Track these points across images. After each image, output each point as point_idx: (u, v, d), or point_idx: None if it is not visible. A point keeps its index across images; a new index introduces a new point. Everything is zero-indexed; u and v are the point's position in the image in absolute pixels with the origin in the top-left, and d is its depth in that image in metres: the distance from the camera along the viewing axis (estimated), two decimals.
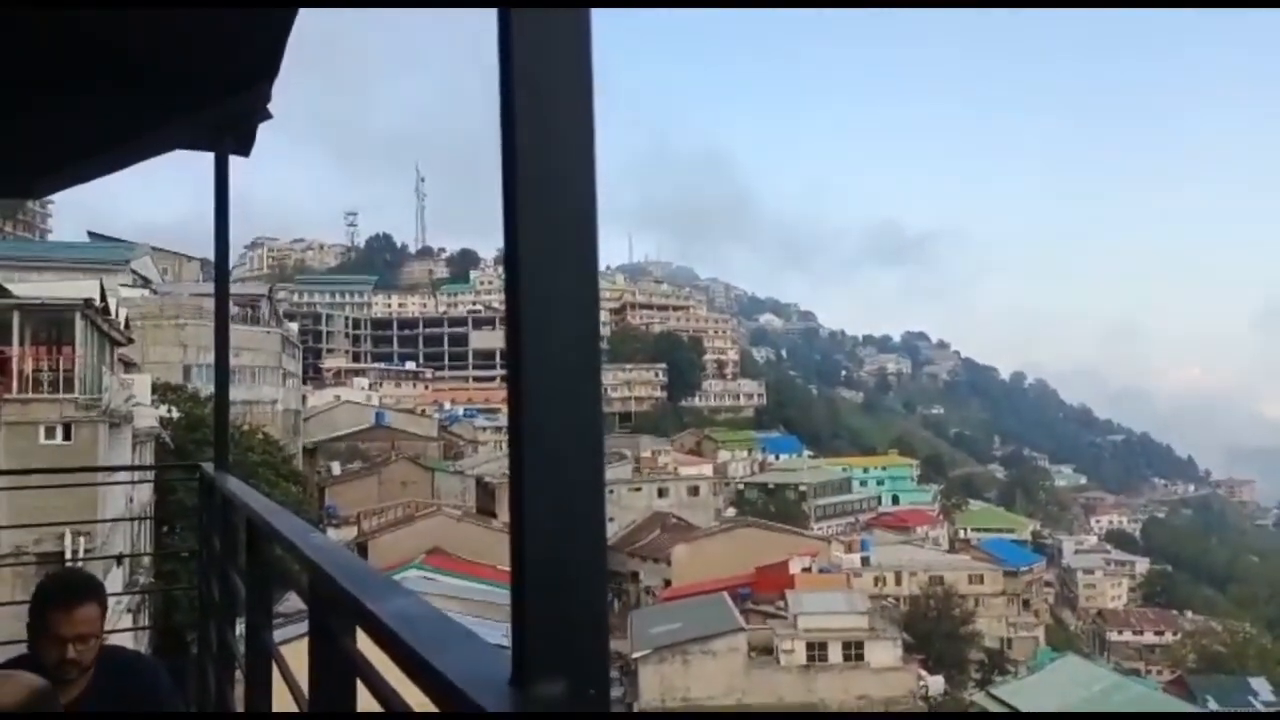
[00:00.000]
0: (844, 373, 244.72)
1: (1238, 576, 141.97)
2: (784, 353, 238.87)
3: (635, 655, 39.68)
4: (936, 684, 47.43)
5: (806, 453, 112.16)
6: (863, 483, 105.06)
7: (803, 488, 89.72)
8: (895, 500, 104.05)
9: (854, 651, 39.94)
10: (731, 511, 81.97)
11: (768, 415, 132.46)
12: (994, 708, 42.35)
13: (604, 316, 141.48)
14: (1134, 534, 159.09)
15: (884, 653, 40.00)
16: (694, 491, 78.52)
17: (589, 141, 0.90)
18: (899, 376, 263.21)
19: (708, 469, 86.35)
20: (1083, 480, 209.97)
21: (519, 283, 0.88)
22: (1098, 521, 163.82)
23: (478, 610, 33.43)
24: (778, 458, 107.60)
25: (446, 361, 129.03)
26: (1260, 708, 75.60)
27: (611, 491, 74.38)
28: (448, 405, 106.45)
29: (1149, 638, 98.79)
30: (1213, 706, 69.51)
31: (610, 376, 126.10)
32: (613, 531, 73.24)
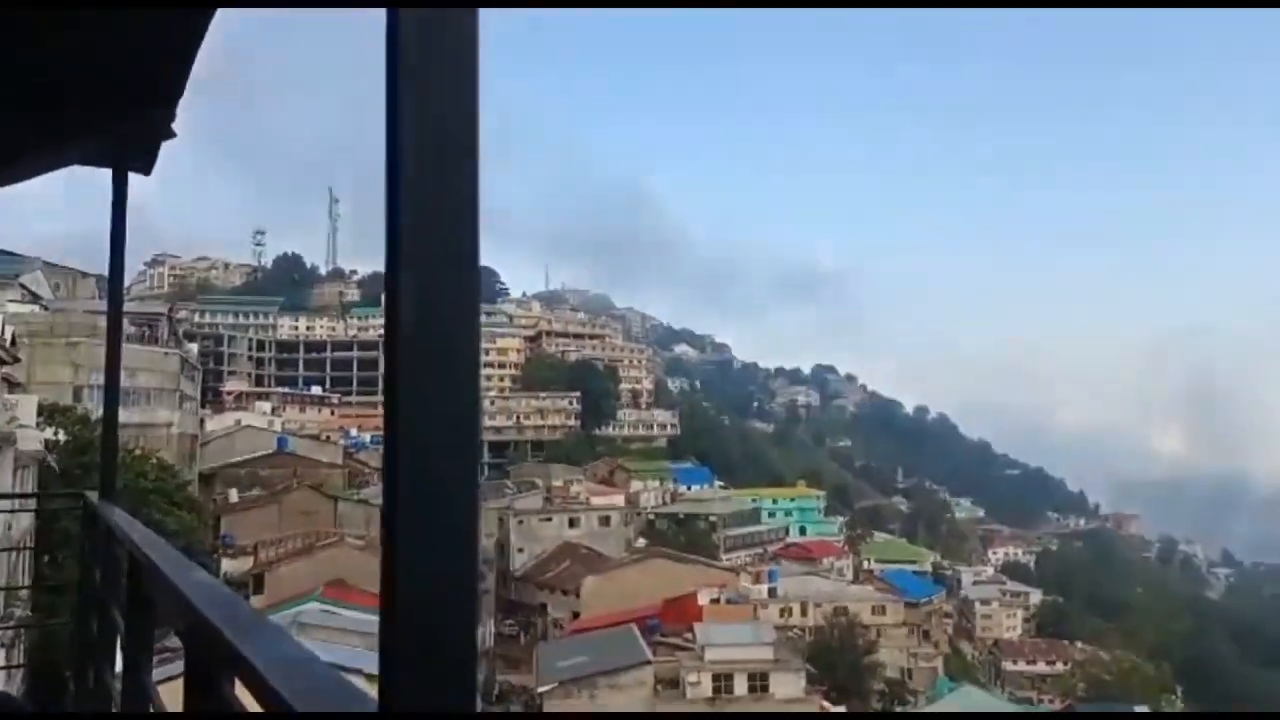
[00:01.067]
0: (756, 404, 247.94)
1: (1124, 607, 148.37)
2: (698, 383, 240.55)
3: (541, 689, 39.13)
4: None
5: (718, 483, 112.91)
6: (772, 514, 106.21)
7: (713, 518, 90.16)
8: (803, 531, 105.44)
9: (759, 683, 40.22)
10: (642, 542, 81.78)
11: (681, 445, 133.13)
12: None
13: (518, 344, 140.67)
14: (1029, 565, 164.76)
15: (788, 684, 40.38)
16: (605, 521, 78.18)
17: (473, 142, 0.90)
18: (809, 409, 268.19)
19: (619, 499, 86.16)
20: (981, 513, 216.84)
21: (398, 288, 0.87)
22: (994, 553, 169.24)
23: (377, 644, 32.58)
24: (690, 488, 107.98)
25: (355, 386, 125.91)
26: None
27: (521, 521, 73.53)
28: (354, 431, 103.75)
29: (1041, 667, 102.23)
30: None
31: (524, 405, 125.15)
32: (522, 562, 72.32)
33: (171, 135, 4.19)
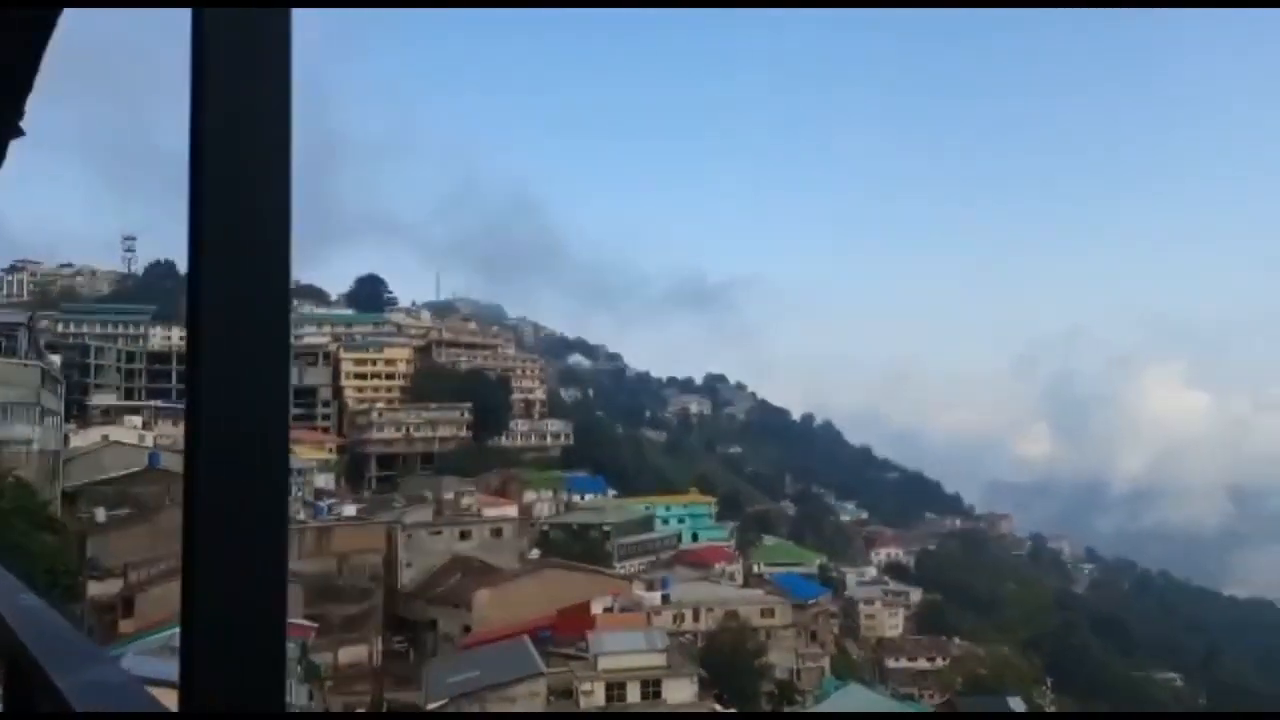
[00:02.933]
0: (649, 413, 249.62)
1: (998, 603, 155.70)
2: (592, 393, 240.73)
3: (430, 707, 38.38)
4: None
5: (612, 492, 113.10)
6: (665, 521, 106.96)
7: (607, 527, 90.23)
8: (695, 537, 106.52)
9: (652, 690, 40.48)
10: (536, 553, 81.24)
11: (575, 455, 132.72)
12: None
13: (407, 354, 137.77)
14: (909, 565, 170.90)
15: (681, 689, 40.77)
16: (497, 533, 77.25)
17: (285, 144, 0.87)
18: (701, 417, 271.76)
19: (512, 510, 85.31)
20: (864, 515, 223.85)
21: (200, 298, 0.85)
22: (877, 554, 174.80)
23: None
24: (584, 497, 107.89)
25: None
26: None
27: (410, 536, 71.94)
28: None
29: (922, 664, 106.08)
30: None
31: (413, 416, 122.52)
32: (410, 577, 70.72)
33: (20, 133, 4.02)
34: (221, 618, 0.86)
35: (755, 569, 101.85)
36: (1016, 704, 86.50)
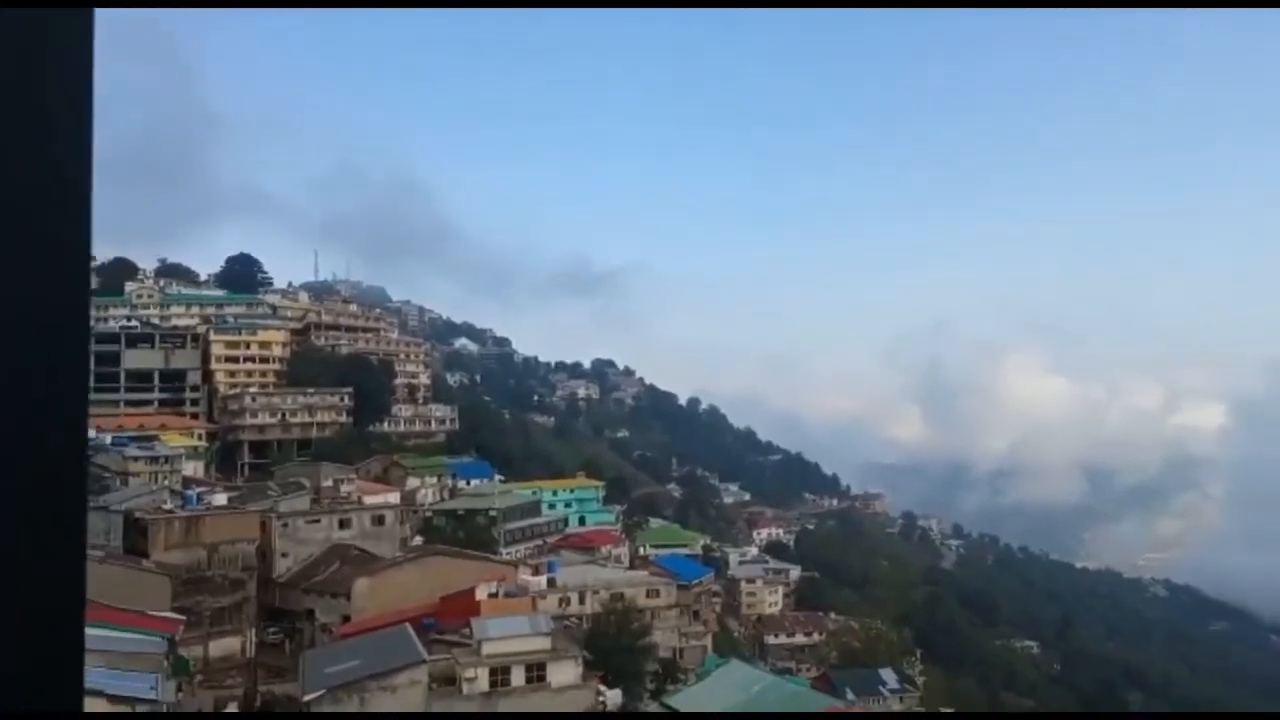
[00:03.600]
0: (537, 398, 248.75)
1: (871, 579, 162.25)
2: (478, 377, 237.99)
3: (307, 698, 37.43)
4: (615, 697, 49.31)
5: (498, 477, 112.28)
6: (552, 505, 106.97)
7: (493, 512, 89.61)
8: (582, 521, 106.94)
9: (536, 673, 40.58)
10: (420, 540, 79.96)
11: (460, 440, 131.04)
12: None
13: (283, 337, 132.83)
14: (789, 544, 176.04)
15: (565, 672, 41.03)
16: (379, 521, 75.57)
17: (85, 146, 0.85)
18: (589, 402, 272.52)
19: (394, 497, 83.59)
20: (747, 496, 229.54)
21: None
22: (759, 534, 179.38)
23: (122, 663, 29.84)
24: (469, 483, 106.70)
25: (92, 383, 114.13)
26: (887, 695, 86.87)
27: (286, 524, 69.71)
28: (93, 433, 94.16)
29: (800, 639, 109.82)
30: (850, 698, 78.58)
31: (289, 401, 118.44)
32: (286, 567, 68.60)
33: None
34: (13, 621, 0.81)
35: (641, 551, 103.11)
36: (889, 675, 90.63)
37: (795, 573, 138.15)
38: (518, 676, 40.57)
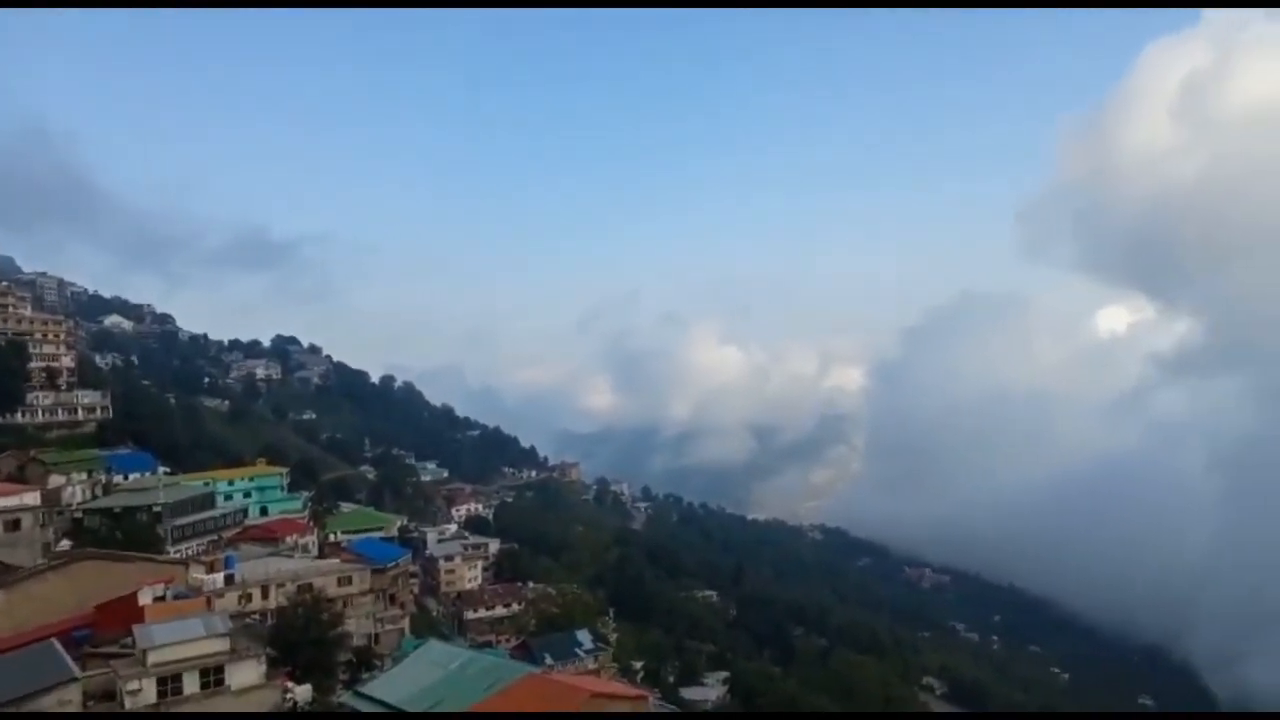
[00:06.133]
0: (208, 379, 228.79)
1: (568, 546, 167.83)
2: (135, 359, 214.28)
3: None
4: (305, 693, 47.01)
5: (163, 469, 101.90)
6: (228, 496, 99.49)
7: (157, 508, 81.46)
8: (264, 511, 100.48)
9: (213, 677, 37.62)
10: (68, 544, 70.62)
11: (114, 430, 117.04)
12: (362, 706, 43.44)
13: None
14: (488, 518, 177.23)
15: (246, 672, 38.40)
16: (14, 526, 65.69)
17: None
18: (269, 382, 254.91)
19: (32, 497, 72.89)
20: (445, 474, 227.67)
21: None
22: (458, 510, 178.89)
23: None
24: (128, 477, 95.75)
25: None
26: (583, 655, 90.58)
27: None
28: None
29: (499, 611, 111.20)
30: (549, 663, 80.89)
31: None
32: None
33: None
34: None
35: (333, 538, 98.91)
36: (584, 636, 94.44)
37: (495, 546, 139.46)
38: (191, 683, 37.35)
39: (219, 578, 62.61)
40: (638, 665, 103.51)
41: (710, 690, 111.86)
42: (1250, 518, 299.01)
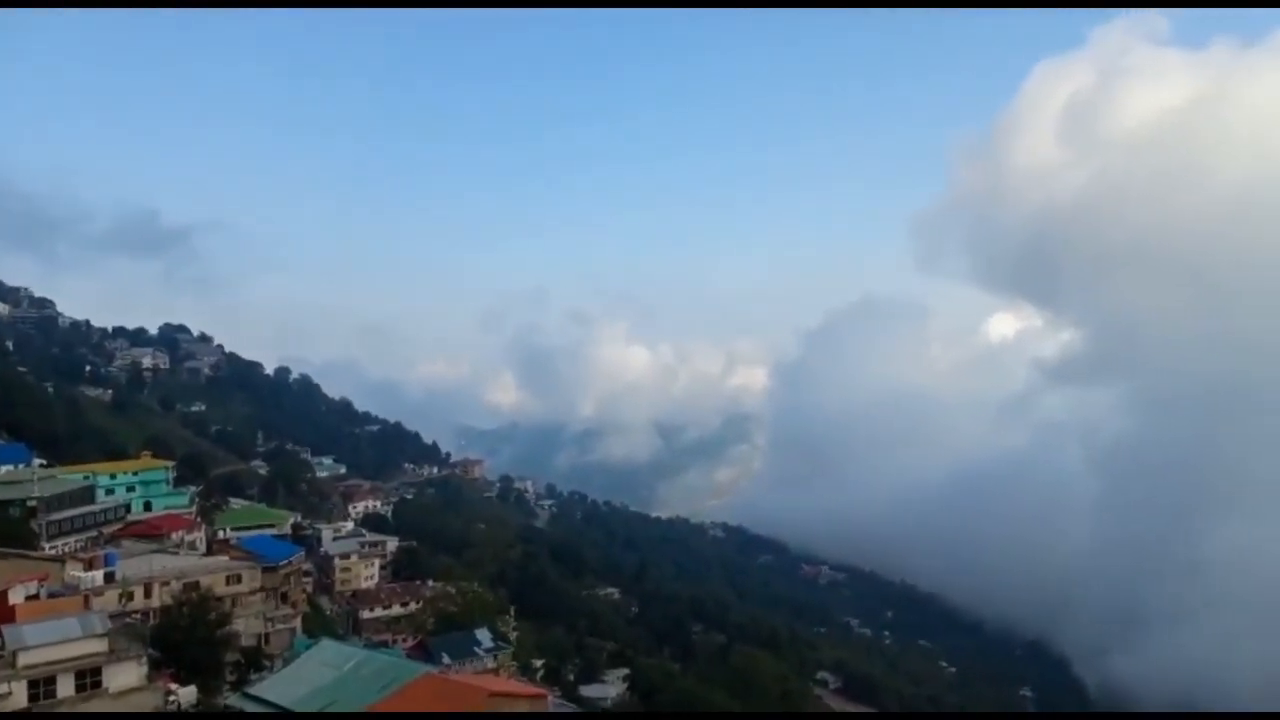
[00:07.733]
0: (89, 368, 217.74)
1: (470, 543, 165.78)
2: (10, 345, 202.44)
3: None
4: (189, 695, 45.35)
5: (38, 461, 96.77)
6: (110, 490, 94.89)
7: (31, 503, 77.22)
8: (148, 506, 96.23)
9: (90, 680, 35.93)
10: None
11: None
12: (250, 708, 42.09)
13: None
14: (387, 515, 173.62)
15: (126, 674, 36.80)
16: None
17: None
18: (156, 372, 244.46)
19: None
20: (343, 469, 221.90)
21: None
22: (355, 507, 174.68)
23: None
24: None
25: None
26: (482, 654, 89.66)
27: None
28: None
29: (396, 610, 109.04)
30: (446, 662, 79.86)
31: None
32: None
33: None
34: None
35: (222, 534, 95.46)
36: (484, 634, 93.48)
37: (393, 544, 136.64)
38: (66, 686, 35.59)
39: (98, 575, 59.64)
40: (538, 664, 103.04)
41: (610, 688, 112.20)
42: (1123, 518, 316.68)
